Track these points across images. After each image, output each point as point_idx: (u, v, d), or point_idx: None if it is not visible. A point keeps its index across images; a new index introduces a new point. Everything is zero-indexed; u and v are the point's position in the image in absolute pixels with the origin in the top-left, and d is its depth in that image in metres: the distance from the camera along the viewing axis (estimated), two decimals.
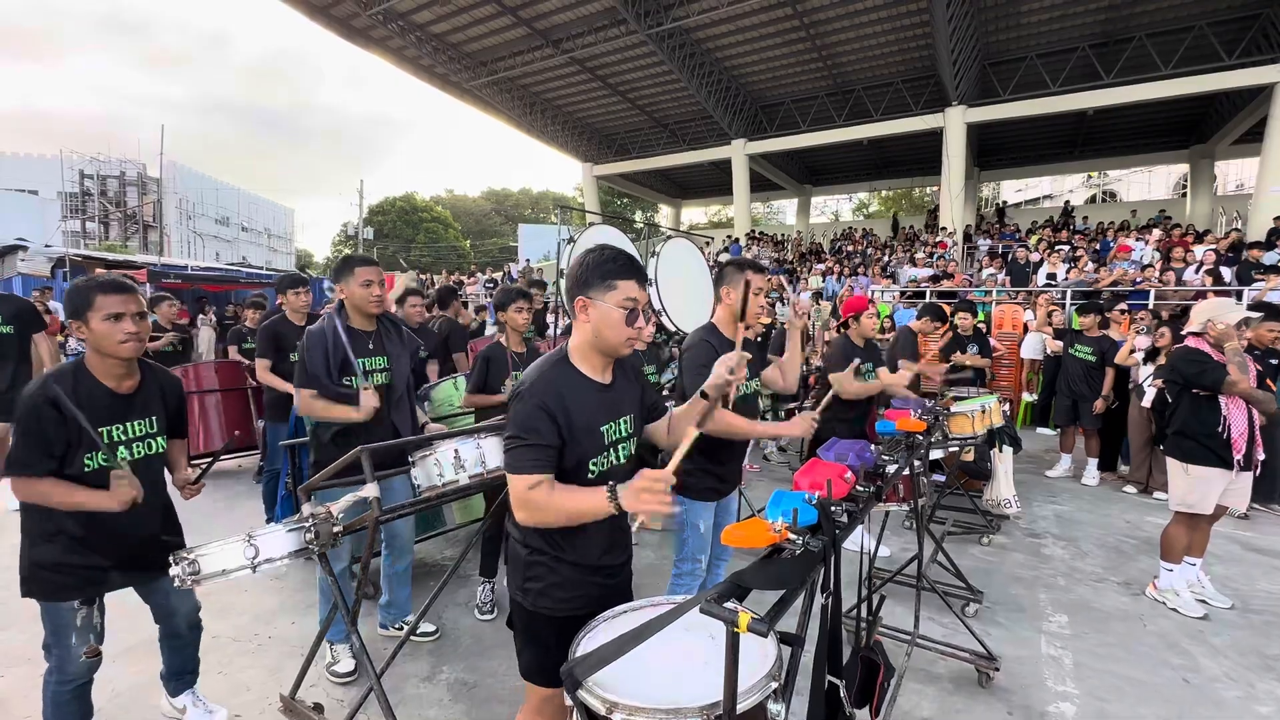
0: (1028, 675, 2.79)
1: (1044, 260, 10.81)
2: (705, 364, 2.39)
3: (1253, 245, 9.32)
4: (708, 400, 1.66)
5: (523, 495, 1.44)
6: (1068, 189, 30.86)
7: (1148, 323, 6.42)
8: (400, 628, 2.99)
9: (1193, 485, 3.38)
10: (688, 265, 5.58)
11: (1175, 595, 3.46)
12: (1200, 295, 7.75)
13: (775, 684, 1.20)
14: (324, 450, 2.60)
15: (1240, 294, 8.04)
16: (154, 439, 2.06)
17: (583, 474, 1.52)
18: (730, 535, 1.40)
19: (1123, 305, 7.03)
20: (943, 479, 4.59)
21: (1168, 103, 13.78)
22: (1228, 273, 8.74)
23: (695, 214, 35.29)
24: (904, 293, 11.24)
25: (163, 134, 29.34)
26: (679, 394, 2.54)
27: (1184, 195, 20.82)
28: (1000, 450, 4.54)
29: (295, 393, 2.60)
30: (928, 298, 10.21)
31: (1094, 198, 28.75)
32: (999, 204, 24.03)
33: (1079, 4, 12.47)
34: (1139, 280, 9.19)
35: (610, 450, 1.57)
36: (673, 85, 16.88)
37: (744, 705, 1.11)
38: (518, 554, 1.59)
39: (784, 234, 22.14)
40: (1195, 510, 3.38)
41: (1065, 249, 11.42)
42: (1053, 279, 10.06)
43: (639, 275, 1.55)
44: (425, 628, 3.02)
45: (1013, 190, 33.01)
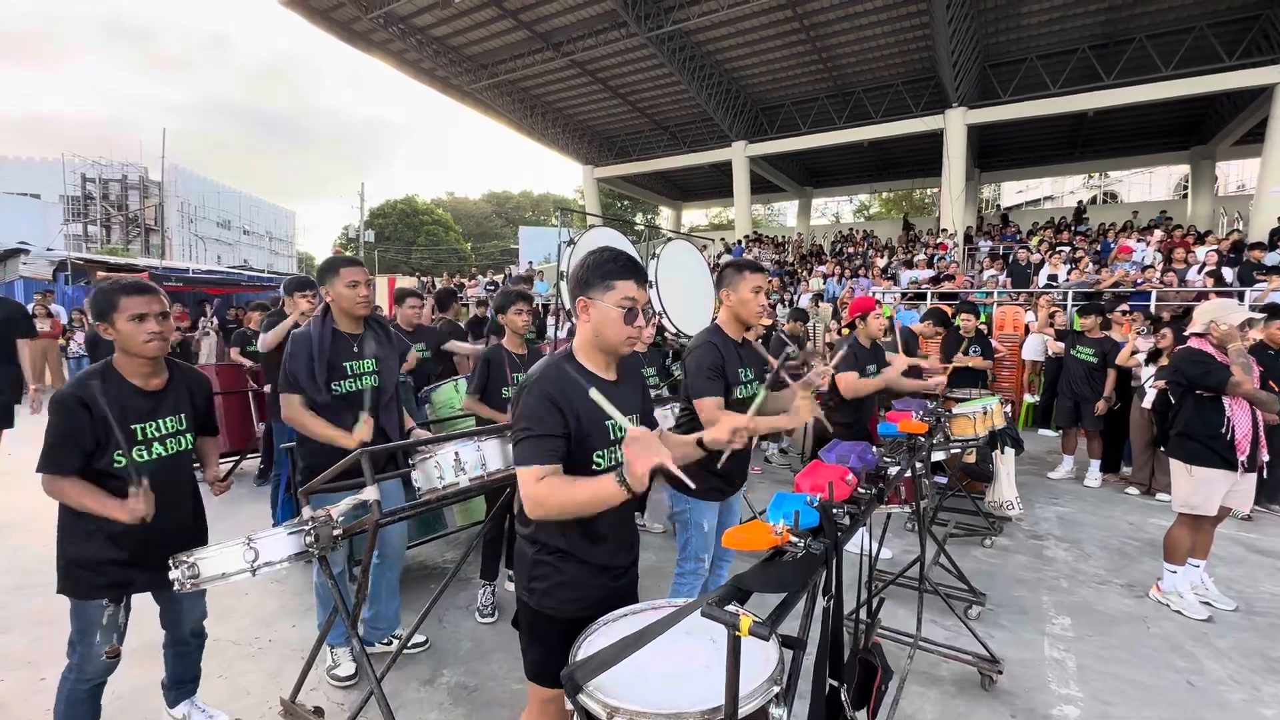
0: (1031, 678, 2.78)
1: (1045, 261, 10.81)
2: (711, 366, 2.38)
3: (1254, 246, 9.31)
4: (702, 450, 1.70)
5: (532, 487, 1.43)
6: (1068, 190, 30.81)
7: (1140, 324, 6.42)
8: (388, 642, 2.87)
9: (1196, 487, 3.36)
10: (688, 267, 5.57)
11: (1179, 597, 3.44)
12: (1202, 296, 7.73)
13: (777, 688, 1.19)
14: (313, 455, 2.52)
15: (1242, 295, 8.03)
16: (183, 435, 2.12)
17: (588, 467, 1.53)
18: (731, 538, 1.39)
19: (1124, 306, 7.02)
20: (945, 481, 4.57)
21: (1168, 104, 13.75)
22: (1229, 274, 8.74)
23: (696, 216, 35.30)
24: (905, 294, 11.24)
25: (164, 137, 29.51)
26: (683, 394, 2.53)
27: (1185, 196, 20.76)
28: (1002, 452, 4.53)
29: (282, 398, 2.48)
30: (929, 299, 10.22)
31: (1095, 199, 28.72)
32: (997, 206, 24.02)
33: (1079, 5, 12.45)
34: (1140, 281, 9.18)
35: (617, 446, 1.58)
36: (673, 88, 16.89)
37: (746, 710, 1.10)
38: (524, 553, 1.59)
39: (784, 236, 22.15)
40: (1199, 512, 3.37)
41: (1066, 250, 11.42)
42: (1054, 280, 10.05)
43: (637, 275, 1.57)
44: (415, 639, 2.89)
45: (1013, 192, 32.98)
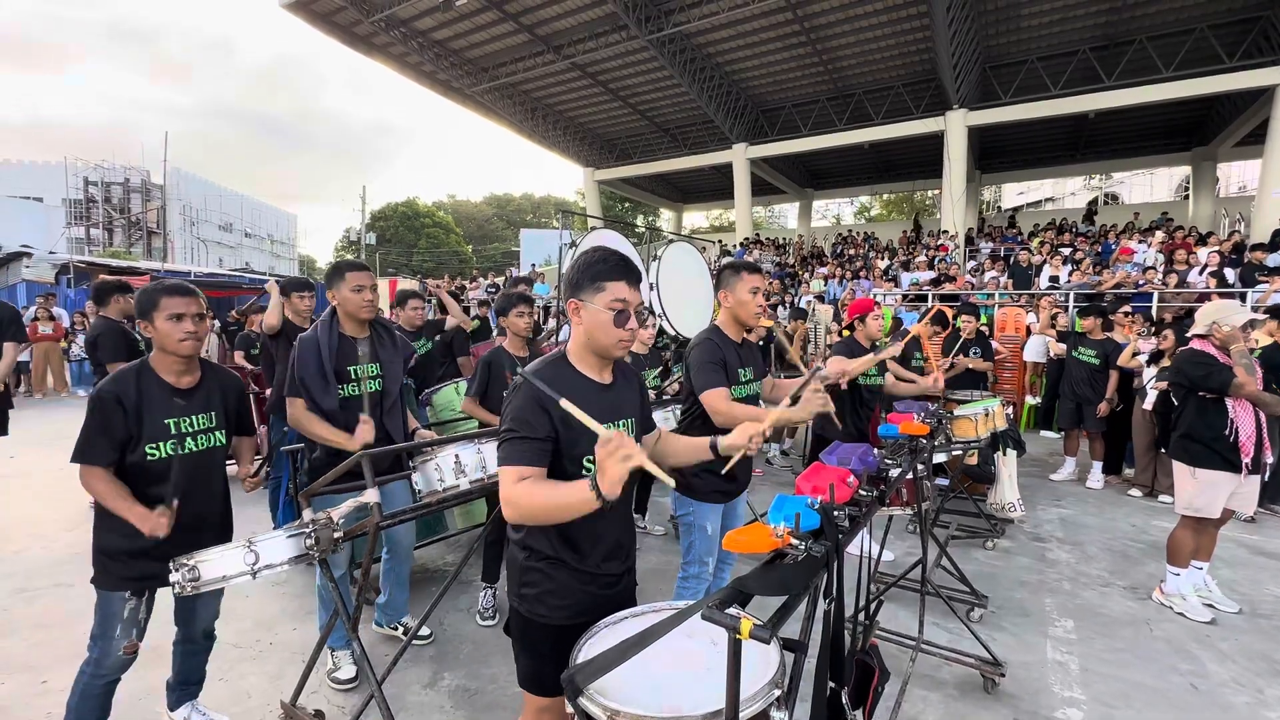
0: (1034, 681, 2.77)
1: (1046, 263, 10.80)
2: (711, 360, 2.39)
3: (1256, 247, 9.30)
4: (715, 455, 1.69)
5: (510, 489, 1.40)
6: (1069, 192, 30.77)
7: (1142, 326, 6.40)
8: (396, 628, 3.02)
9: (1200, 489, 3.35)
10: (689, 269, 5.58)
11: (1182, 600, 3.43)
12: (1204, 298, 7.72)
13: (778, 691, 1.18)
14: (319, 457, 2.58)
15: (1244, 296, 8.01)
16: (213, 433, 2.18)
17: (578, 471, 1.49)
18: (732, 541, 1.38)
19: (1126, 308, 7.01)
20: (946, 483, 4.57)
21: (1169, 105, 13.74)
22: (1231, 275, 8.72)
23: (697, 218, 35.35)
24: (906, 296, 11.24)
25: (166, 140, 29.73)
26: (686, 392, 2.52)
27: (1186, 197, 20.73)
28: (1004, 454, 4.51)
29: (288, 402, 2.53)
30: (930, 301, 10.21)
31: (1096, 200, 28.68)
32: (998, 207, 23.98)
33: (1079, 7, 12.46)
34: (1142, 283, 9.16)
35: None
36: (674, 90, 16.92)
37: (747, 713, 1.09)
38: (515, 558, 1.57)
39: (785, 238, 22.15)
40: (1202, 514, 3.36)
41: (1067, 251, 11.40)
42: (1055, 282, 10.04)
43: (629, 276, 1.53)
44: (421, 631, 2.98)
45: (1014, 193, 32.95)
